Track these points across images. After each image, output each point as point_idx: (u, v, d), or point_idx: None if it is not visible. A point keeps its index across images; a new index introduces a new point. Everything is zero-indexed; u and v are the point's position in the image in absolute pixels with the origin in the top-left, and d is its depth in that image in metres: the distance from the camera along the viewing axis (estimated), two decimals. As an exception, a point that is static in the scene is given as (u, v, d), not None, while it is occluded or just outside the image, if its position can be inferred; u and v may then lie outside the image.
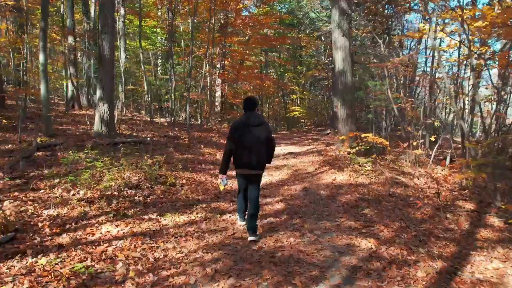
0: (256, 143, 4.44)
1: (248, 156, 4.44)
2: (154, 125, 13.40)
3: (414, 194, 7.57)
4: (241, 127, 4.49)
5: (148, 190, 5.98)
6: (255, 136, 4.46)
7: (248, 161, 4.45)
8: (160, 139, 10.50)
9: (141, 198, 5.61)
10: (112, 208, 5.07)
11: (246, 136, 4.43)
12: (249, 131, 4.45)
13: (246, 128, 4.46)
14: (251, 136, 4.44)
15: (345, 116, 10.94)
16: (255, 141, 4.44)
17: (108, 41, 9.41)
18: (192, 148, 9.97)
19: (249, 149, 4.43)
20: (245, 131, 4.45)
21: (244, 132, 4.44)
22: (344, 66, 10.93)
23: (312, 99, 28.39)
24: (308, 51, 26.90)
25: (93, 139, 9.12)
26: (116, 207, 5.12)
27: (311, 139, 15.13)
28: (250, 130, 4.46)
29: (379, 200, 6.71)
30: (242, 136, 4.43)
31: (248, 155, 4.44)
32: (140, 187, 6.00)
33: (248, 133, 4.44)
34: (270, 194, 6.77)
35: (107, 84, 9.50)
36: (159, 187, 6.22)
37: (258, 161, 4.49)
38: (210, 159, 9.28)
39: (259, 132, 4.48)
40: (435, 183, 8.19)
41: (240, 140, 4.44)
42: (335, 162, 9.57)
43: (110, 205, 5.16)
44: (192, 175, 7.47)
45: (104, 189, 5.49)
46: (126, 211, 5.08)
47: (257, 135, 4.47)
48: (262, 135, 4.50)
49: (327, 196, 6.74)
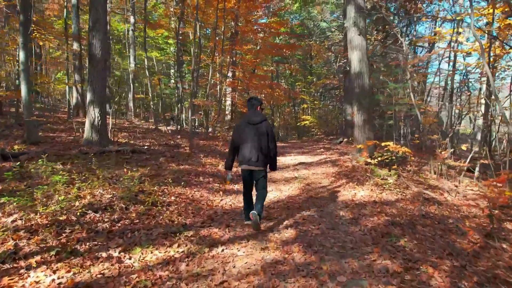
0: (257, 140, 4.45)
1: (248, 153, 4.45)
2: (158, 133, 11.89)
3: (452, 214, 5.82)
4: (243, 125, 4.59)
5: (120, 212, 4.38)
6: (255, 133, 4.47)
7: (249, 157, 4.45)
8: (158, 148, 8.94)
9: (106, 225, 4.00)
10: (60, 241, 3.48)
11: (246, 133, 4.50)
12: (249, 129, 4.50)
13: (247, 126, 4.53)
14: (251, 134, 4.47)
15: (362, 122, 9.25)
16: (255, 138, 4.45)
17: (100, 39, 7.95)
18: (192, 158, 8.36)
19: (250, 145, 4.45)
20: (246, 129, 4.52)
21: (245, 130, 4.52)
22: (361, 68, 9.27)
23: (323, 108, 26.84)
24: (319, 60, 25.48)
25: (81, 147, 7.62)
26: (66, 240, 3.53)
27: (323, 148, 13.42)
28: (251, 128, 4.50)
29: (412, 223, 5.00)
30: (243, 134, 4.52)
31: (248, 151, 4.45)
32: (111, 208, 4.40)
33: (249, 130, 4.49)
34: (278, 216, 5.08)
35: (98, 87, 8.02)
36: (136, 208, 4.60)
37: (259, 158, 4.44)
38: (210, 171, 7.65)
39: (259, 130, 4.48)
40: (476, 201, 6.49)
41: (241, 137, 4.54)
42: (352, 174, 7.87)
43: (59, 236, 3.57)
44: (184, 191, 5.84)
45: (58, 212, 3.91)
46: (79, 245, 3.48)
47: (257, 132, 4.47)
48: (262, 132, 4.48)
49: (348, 219, 5.05)
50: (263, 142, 4.46)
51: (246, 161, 4.46)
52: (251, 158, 4.42)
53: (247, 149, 4.44)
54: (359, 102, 9.26)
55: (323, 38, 22.41)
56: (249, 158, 4.43)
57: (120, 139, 9.31)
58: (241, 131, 4.53)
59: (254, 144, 4.42)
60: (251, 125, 4.49)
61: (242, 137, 4.50)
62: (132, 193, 4.92)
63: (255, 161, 4.43)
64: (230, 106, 19.42)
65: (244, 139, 4.48)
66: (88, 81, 8.11)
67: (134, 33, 18.24)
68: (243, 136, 4.50)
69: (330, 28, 22.68)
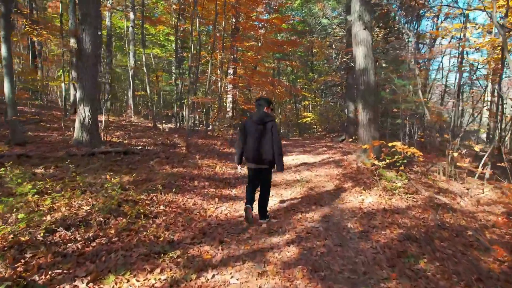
0: (261, 139, 4.36)
1: (252, 151, 4.39)
2: (155, 131, 11.20)
3: (469, 224, 5.13)
4: (248, 124, 4.50)
5: (97, 228, 3.70)
6: (260, 132, 4.37)
7: (253, 156, 4.40)
8: (153, 148, 8.25)
9: (78, 245, 3.32)
10: (16, 270, 2.80)
11: (252, 132, 4.41)
12: (254, 128, 4.40)
13: (252, 126, 4.43)
14: (256, 133, 4.38)
15: (367, 121, 8.54)
16: (260, 137, 4.36)
17: (90, 33, 7.25)
18: (188, 159, 7.68)
19: (254, 144, 4.37)
20: (251, 128, 4.43)
21: (251, 129, 4.43)
22: (366, 64, 8.54)
23: (324, 105, 26.07)
24: (320, 57, 24.71)
25: (69, 148, 6.95)
26: (24, 267, 2.86)
27: (325, 146, 12.70)
28: (256, 127, 4.40)
29: (430, 237, 4.32)
30: (248, 133, 4.45)
31: (253, 150, 4.39)
32: (87, 224, 3.73)
33: (254, 130, 4.40)
34: (278, 229, 4.39)
35: (88, 84, 7.33)
36: (117, 222, 3.92)
37: (262, 157, 4.37)
38: (207, 173, 6.96)
39: (263, 129, 4.37)
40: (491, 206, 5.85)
41: (246, 136, 4.47)
42: (358, 176, 7.18)
43: (17, 263, 2.90)
44: (175, 198, 5.16)
45: (20, 231, 3.24)
46: (38, 275, 2.80)
47: (262, 132, 4.37)
48: (267, 132, 4.36)
49: (357, 232, 4.36)
50: (268, 142, 4.34)
51: (251, 160, 4.43)
52: (255, 156, 4.38)
53: (251, 147, 4.38)
54: (364, 99, 8.55)
55: (325, 35, 21.64)
56: (253, 157, 4.39)
57: (114, 139, 8.63)
58: (247, 130, 4.46)
59: (258, 143, 4.35)
60: (256, 124, 4.39)
61: (247, 136, 4.44)
62: (115, 203, 4.24)
63: (259, 160, 4.38)
64: (232, 103, 18.69)
65: (249, 138, 4.42)
66: (77, 78, 7.41)
67: (134, 29, 17.52)
68: (248, 135, 4.43)
69: (331, 25, 21.92)
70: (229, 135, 11.74)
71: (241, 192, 6.13)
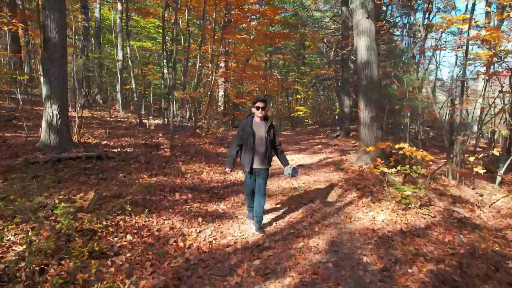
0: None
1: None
2: (140, 129, 9.95)
3: (505, 250, 4.09)
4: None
5: (24, 285, 2.52)
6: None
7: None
8: (134, 150, 7.03)
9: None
10: None
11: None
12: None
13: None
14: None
15: (369, 119, 7.41)
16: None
17: (55, 19, 5.96)
18: (172, 163, 6.48)
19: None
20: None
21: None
22: (369, 56, 7.38)
23: (316, 99, 24.94)
24: (313, 50, 23.54)
25: (34, 153, 5.72)
26: None
27: (320, 143, 11.57)
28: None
29: (467, 274, 3.26)
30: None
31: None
32: (11, 277, 2.55)
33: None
34: (275, 267, 3.25)
35: (56, 78, 6.06)
36: (58, 270, 2.74)
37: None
38: (191, 182, 5.76)
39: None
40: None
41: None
42: (362, 183, 6.08)
43: None
44: (148, 221, 3.97)
45: None
46: None
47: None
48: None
49: (377, 270, 3.25)
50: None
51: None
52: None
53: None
54: (366, 96, 7.41)
55: (318, 28, 20.37)
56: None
57: (91, 140, 7.38)
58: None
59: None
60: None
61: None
62: (63, 237, 3.06)
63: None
64: (223, 97, 17.41)
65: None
66: (43, 72, 6.12)
67: (122, 21, 16.07)
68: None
69: (324, 18, 20.69)
70: (219, 134, 10.53)
71: (230, 206, 4.98)
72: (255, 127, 4.01)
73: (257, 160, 4.01)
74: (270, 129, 4.04)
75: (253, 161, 4.00)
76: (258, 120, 4.04)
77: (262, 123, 4.04)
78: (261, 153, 4.00)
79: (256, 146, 4.00)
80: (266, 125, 4.02)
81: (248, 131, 4.00)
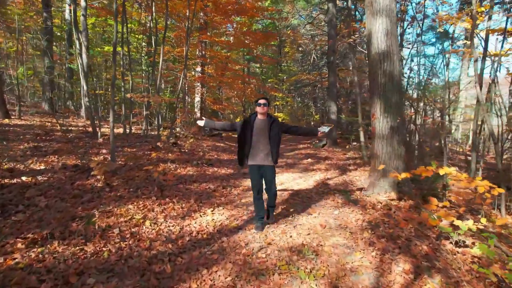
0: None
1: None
2: (89, 139, 6.86)
3: None
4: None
5: None
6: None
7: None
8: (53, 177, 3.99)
9: None
10: None
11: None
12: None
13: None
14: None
15: (388, 130, 4.72)
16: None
17: None
18: (97, 205, 3.50)
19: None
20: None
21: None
22: (389, 45, 4.70)
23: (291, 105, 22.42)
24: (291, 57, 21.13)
25: None
26: None
27: (308, 156, 8.84)
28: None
29: None
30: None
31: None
32: None
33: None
34: None
35: None
36: None
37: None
38: (112, 250, 2.80)
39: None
40: None
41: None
42: (396, 233, 3.37)
43: None
44: None
45: None
46: None
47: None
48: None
49: None
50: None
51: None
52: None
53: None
54: (385, 98, 4.71)
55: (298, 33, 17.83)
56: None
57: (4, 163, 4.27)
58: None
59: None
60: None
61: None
62: None
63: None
64: (200, 103, 14.40)
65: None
66: None
67: (86, 19, 12.80)
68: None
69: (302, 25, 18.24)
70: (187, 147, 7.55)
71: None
72: (256, 123, 3.46)
73: (259, 156, 3.47)
74: (272, 125, 3.45)
75: (252, 157, 3.48)
76: (261, 117, 3.47)
77: (264, 119, 3.47)
78: (262, 149, 3.46)
79: (254, 141, 3.47)
80: (269, 121, 3.46)
81: (247, 126, 3.47)
